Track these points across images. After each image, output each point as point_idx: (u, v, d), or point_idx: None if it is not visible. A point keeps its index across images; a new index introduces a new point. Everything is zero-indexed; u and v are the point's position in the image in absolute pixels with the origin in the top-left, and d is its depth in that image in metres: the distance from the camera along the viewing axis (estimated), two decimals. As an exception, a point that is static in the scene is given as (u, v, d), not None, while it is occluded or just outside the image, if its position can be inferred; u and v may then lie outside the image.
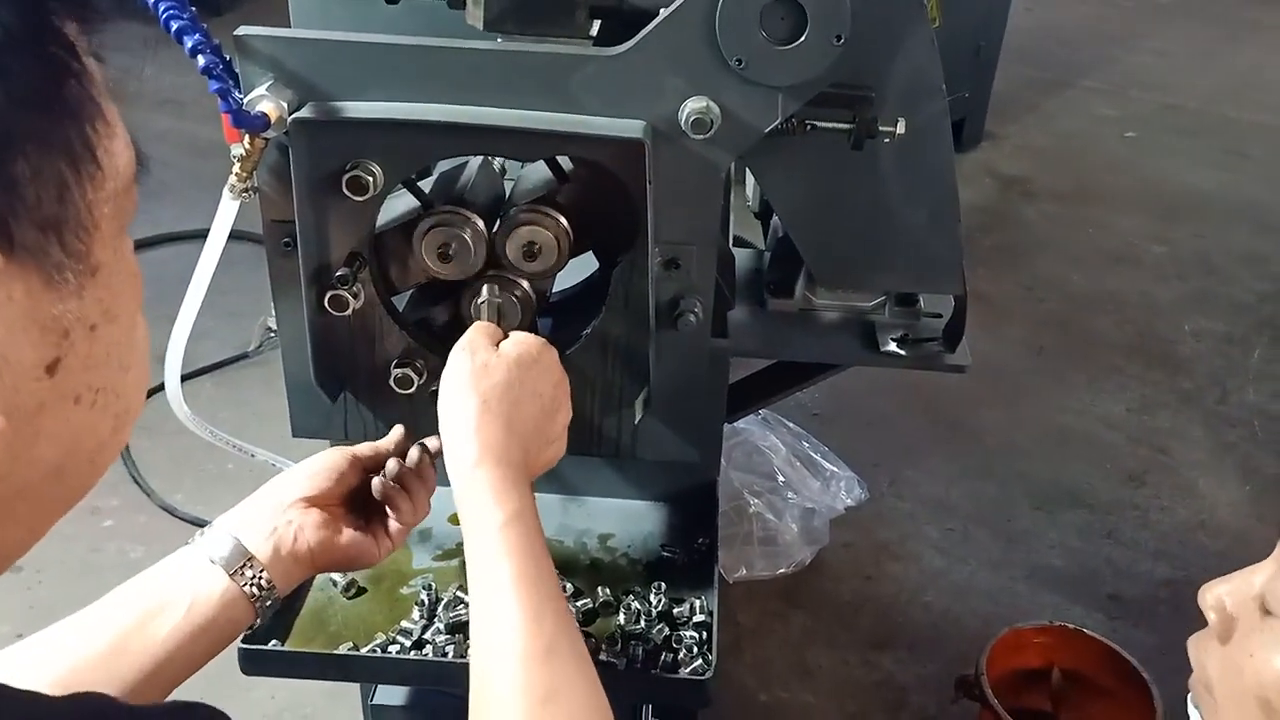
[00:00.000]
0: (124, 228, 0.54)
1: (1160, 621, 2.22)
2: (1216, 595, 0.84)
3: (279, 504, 0.99)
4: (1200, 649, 0.85)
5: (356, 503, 1.05)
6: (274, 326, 1.21)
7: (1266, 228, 3.74)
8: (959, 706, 1.87)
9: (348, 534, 1.01)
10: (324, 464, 1.03)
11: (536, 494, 1.36)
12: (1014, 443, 2.72)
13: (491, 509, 0.86)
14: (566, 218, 1.08)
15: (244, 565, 0.92)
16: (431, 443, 1.09)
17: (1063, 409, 2.85)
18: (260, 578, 0.93)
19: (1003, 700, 1.73)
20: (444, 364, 1.16)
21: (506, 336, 1.00)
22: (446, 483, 0.97)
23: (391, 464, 1.05)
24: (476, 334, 0.99)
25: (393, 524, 1.06)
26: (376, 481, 1.04)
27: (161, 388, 1.19)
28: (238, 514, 0.97)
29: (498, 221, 1.11)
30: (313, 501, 1.00)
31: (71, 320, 0.49)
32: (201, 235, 1.06)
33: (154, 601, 0.89)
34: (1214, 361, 3.05)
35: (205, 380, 2.76)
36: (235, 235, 1.08)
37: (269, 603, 0.94)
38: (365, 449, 1.07)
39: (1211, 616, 0.83)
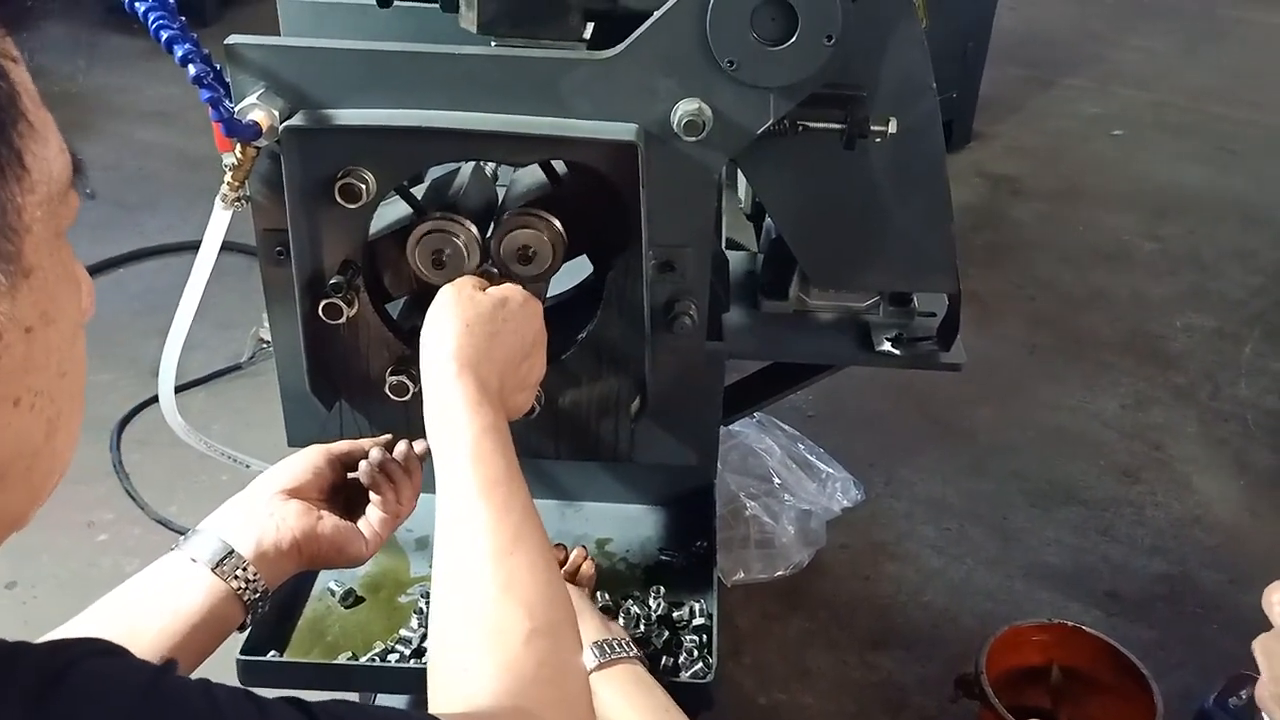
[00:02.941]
0: (62, 233, 0.54)
1: (1158, 617, 2.22)
2: None
3: (259, 499, 0.98)
4: (1264, 653, 0.79)
5: (337, 499, 1.04)
6: (266, 337, 1.21)
7: (1255, 223, 3.76)
8: (959, 706, 1.86)
9: (330, 521, 1.00)
10: (301, 462, 1.03)
11: (533, 500, 1.35)
12: (1008, 441, 2.72)
13: (466, 418, 0.87)
14: (561, 221, 1.08)
15: (225, 559, 0.92)
16: (420, 444, 1.08)
17: (1056, 406, 2.85)
18: (245, 571, 0.92)
19: (1003, 699, 1.72)
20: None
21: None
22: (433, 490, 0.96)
23: (375, 452, 1.05)
24: (464, 278, 1.00)
25: (377, 515, 1.04)
26: (363, 465, 1.03)
27: (155, 400, 1.18)
28: (218, 516, 0.96)
29: (491, 227, 1.11)
30: (292, 493, 0.99)
31: (3, 322, 0.49)
32: (190, 248, 1.06)
33: (138, 608, 0.88)
34: (1206, 357, 3.06)
35: (198, 392, 2.74)
36: (225, 246, 1.07)
37: (257, 596, 0.93)
38: (342, 446, 1.07)
39: (1278, 622, 0.78)
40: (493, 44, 1.06)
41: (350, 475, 1.06)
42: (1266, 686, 0.79)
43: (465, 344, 0.91)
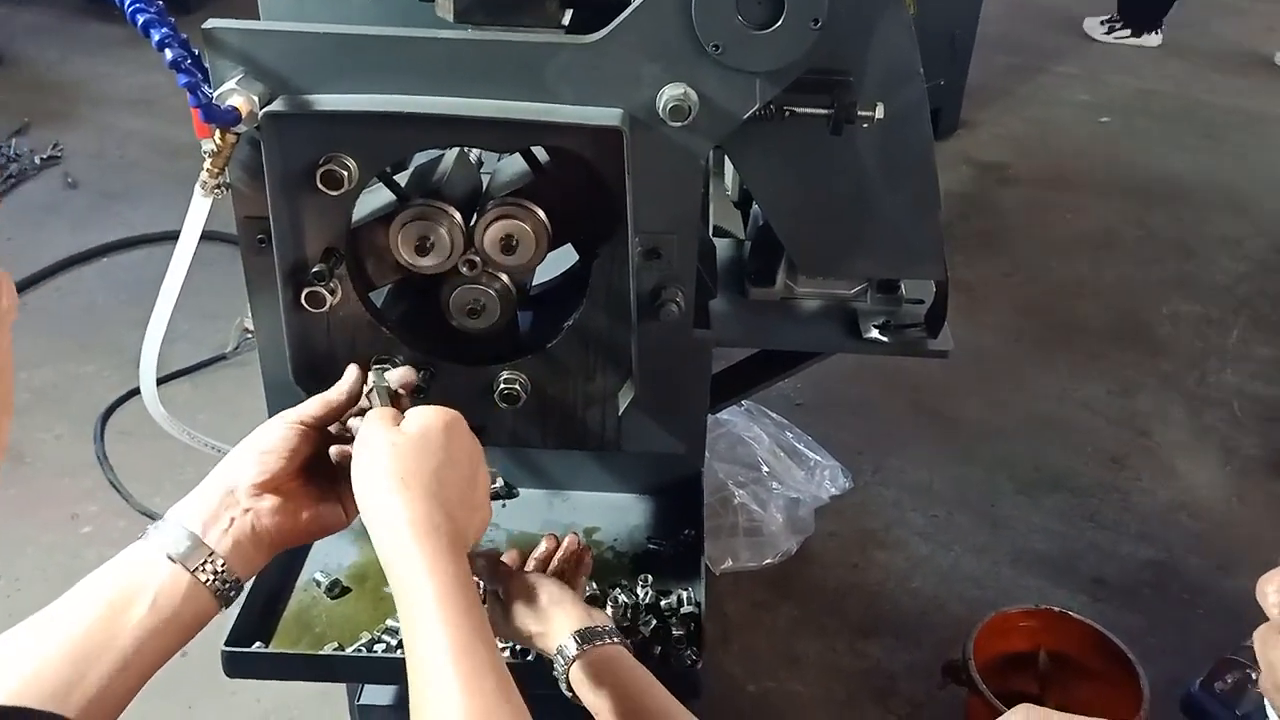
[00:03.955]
0: None
1: (1144, 603, 2.23)
2: (1277, 585, 0.78)
3: (231, 493, 0.93)
4: (1263, 644, 0.79)
5: (316, 469, 0.98)
6: (251, 327, 1.20)
7: (1242, 210, 3.77)
8: (947, 692, 1.87)
9: (307, 511, 0.96)
10: (273, 442, 0.96)
11: (521, 490, 1.35)
12: (996, 428, 2.73)
13: (425, 581, 0.83)
14: (544, 210, 1.07)
15: (195, 553, 0.89)
16: (393, 375, 1.00)
17: (1043, 393, 2.86)
18: (221, 570, 0.90)
19: (990, 684, 1.73)
20: (422, 359, 1.15)
21: (403, 415, 0.94)
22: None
23: (354, 422, 0.98)
24: (374, 421, 0.93)
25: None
26: (334, 450, 0.98)
27: (139, 391, 1.17)
28: (190, 505, 0.92)
29: (475, 214, 1.10)
30: (265, 486, 0.94)
31: None
32: (174, 237, 1.04)
33: (114, 600, 0.86)
34: (1193, 343, 3.07)
35: (183, 382, 2.73)
36: (209, 235, 1.06)
37: (228, 587, 0.91)
38: (315, 409, 0.99)
39: (1274, 611, 0.78)
40: (469, 30, 1.04)
41: (332, 429, 0.99)
42: (1267, 678, 0.79)
43: (407, 504, 0.86)
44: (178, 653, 0.89)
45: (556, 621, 1.06)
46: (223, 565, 0.90)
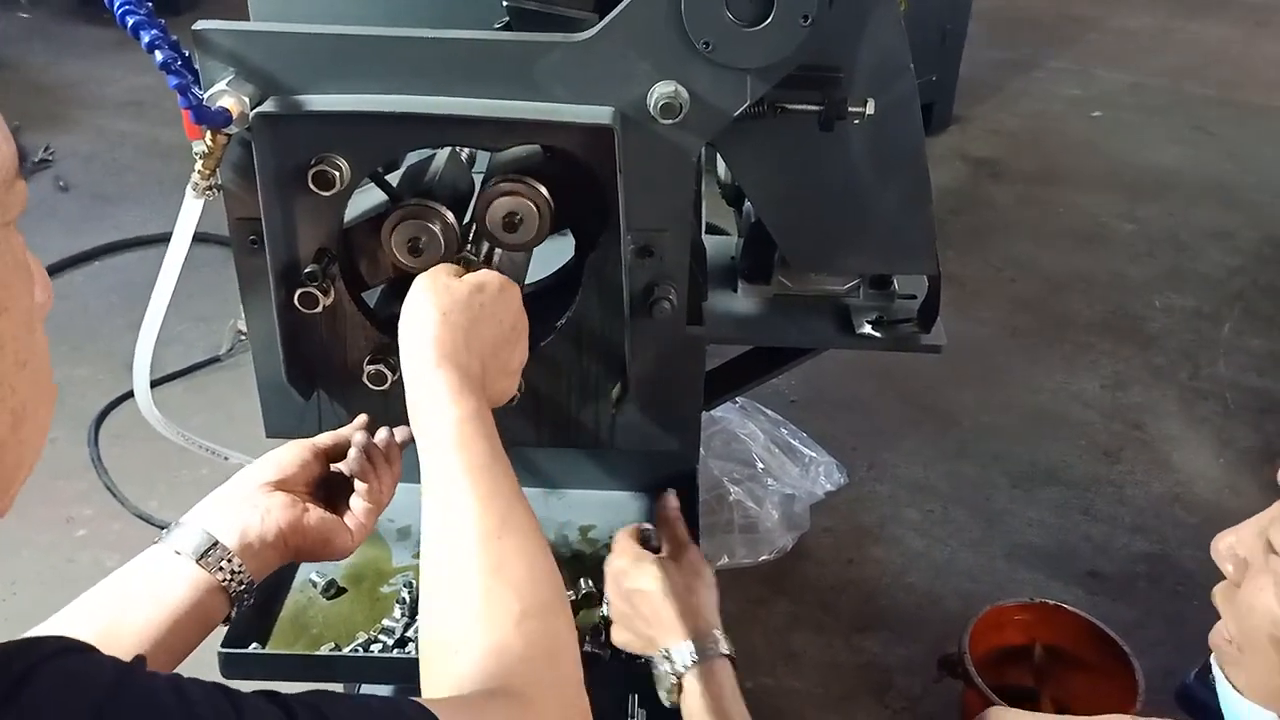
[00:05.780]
0: (10, 222, 0.53)
1: (1139, 595, 2.24)
2: (1228, 543, 0.85)
3: (244, 491, 0.97)
4: (1223, 599, 0.86)
5: (321, 493, 1.04)
6: (244, 329, 1.20)
7: (1233, 203, 3.78)
8: (943, 685, 1.88)
9: (316, 514, 1.00)
10: (288, 454, 1.03)
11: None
12: (990, 423, 2.74)
13: (448, 406, 0.86)
14: (548, 188, 1.07)
15: (210, 551, 0.91)
16: (400, 432, 1.09)
17: (1037, 388, 2.87)
18: (229, 562, 0.91)
19: (986, 678, 1.74)
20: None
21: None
22: (417, 479, 0.95)
23: (360, 436, 1.05)
24: (437, 268, 0.99)
25: (360, 506, 1.05)
26: (351, 454, 1.03)
27: (132, 393, 1.17)
28: (203, 507, 0.96)
29: (468, 211, 1.10)
30: (278, 485, 0.99)
31: None
32: (166, 240, 1.04)
33: (122, 601, 0.87)
34: (1185, 336, 3.08)
35: (176, 385, 2.72)
36: (201, 238, 1.06)
37: (243, 587, 0.92)
38: (326, 439, 1.06)
39: (1226, 566, 0.84)
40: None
41: (334, 467, 1.05)
42: (1221, 632, 0.83)
43: (443, 333, 0.90)
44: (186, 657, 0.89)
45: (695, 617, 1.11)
46: (237, 564, 0.91)
